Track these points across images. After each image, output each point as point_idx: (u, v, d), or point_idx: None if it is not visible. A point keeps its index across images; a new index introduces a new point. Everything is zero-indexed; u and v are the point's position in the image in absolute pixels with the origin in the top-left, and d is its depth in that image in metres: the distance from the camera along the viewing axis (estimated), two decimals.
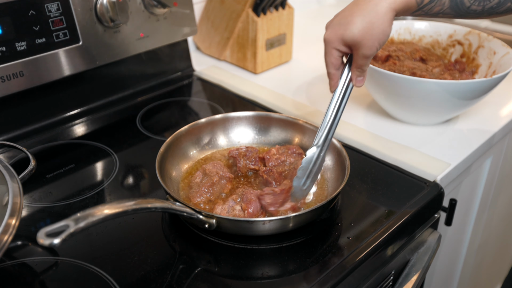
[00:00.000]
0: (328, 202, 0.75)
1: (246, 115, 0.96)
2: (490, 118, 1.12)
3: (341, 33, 0.74)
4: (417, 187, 0.88)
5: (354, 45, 0.75)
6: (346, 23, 0.74)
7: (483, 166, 1.20)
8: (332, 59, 0.77)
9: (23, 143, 0.99)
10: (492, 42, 1.11)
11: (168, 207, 0.70)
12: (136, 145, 1.01)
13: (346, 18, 0.74)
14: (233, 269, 0.72)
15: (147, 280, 0.69)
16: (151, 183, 0.89)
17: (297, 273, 0.71)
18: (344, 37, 0.74)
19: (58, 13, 0.96)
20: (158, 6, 1.09)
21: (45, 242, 0.56)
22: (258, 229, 0.73)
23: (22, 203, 0.67)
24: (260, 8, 1.21)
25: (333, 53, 0.77)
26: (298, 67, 1.34)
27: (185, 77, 1.26)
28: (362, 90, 1.20)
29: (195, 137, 0.92)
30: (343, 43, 0.75)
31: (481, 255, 1.53)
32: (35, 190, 0.87)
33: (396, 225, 0.80)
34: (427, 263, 0.86)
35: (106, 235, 0.77)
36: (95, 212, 0.61)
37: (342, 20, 0.74)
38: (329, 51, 0.77)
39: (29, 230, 0.77)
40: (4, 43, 0.90)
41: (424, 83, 0.95)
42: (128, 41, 1.09)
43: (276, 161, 0.88)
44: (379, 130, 1.06)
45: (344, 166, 0.82)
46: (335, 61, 0.78)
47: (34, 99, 1.01)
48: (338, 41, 0.75)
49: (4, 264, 0.71)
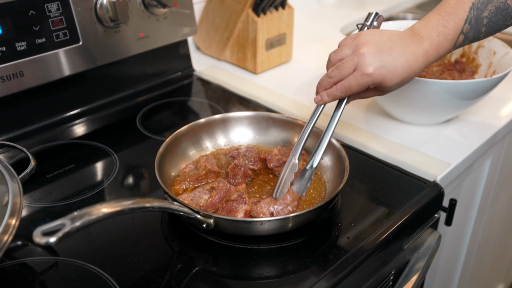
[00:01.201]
0: (327, 202, 0.75)
1: (246, 115, 0.96)
2: (490, 118, 1.11)
3: (385, 81, 0.75)
4: (417, 187, 0.88)
5: (383, 90, 0.78)
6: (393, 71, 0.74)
7: (483, 166, 1.20)
8: (357, 91, 0.77)
9: (23, 143, 0.99)
10: (492, 42, 1.11)
11: (166, 207, 0.70)
12: (136, 145, 1.01)
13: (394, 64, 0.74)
14: (233, 269, 0.72)
15: (146, 280, 0.69)
16: (151, 183, 0.89)
17: (297, 273, 0.71)
18: (384, 84, 0.76)
19: (58, 13, 0.96)
20: (158, 6, 1.09)
21: (41, 240, 0.56)
22: (256, 229, 0.73)
23: (22, 203, 0.67)
24: (260, 8, 1.21)
25: (363, 88, 0.77)
26: (298, 67, 1.34)
27: (185, 77, 1.26)
28: None
29: (194, 137, 0.92)
30: (377, 85, 0.77)
31: (481, 255, 1.53)
32: (35, 190, 0.87)
33: (396, 225, 0.80)
34: (427, 263, 0.86)
35: (106, 235, 0.77)
36: (92, 211, 0.61)
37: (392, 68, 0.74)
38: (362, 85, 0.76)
39: (29, 230, 0.77)
40: (4, 43, 0.90)
41: (424, 83, 0.95)
42: (128, 41, 1.09)
43: (277, 162, 0.88)
44: (379, 130, 1.06)
45: (343, 166, 0.82)
46: (356, 92, 0.78)
47: (34, 99, 1.01)
48: (377, 83, 0.76)
49: (4, 264, 0.71)
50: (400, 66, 0.75)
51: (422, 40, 0.76)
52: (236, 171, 0.84)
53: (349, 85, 0.76)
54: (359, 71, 0.75)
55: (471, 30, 0.78)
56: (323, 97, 0.80)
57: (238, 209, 0.75)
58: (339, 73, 0.77)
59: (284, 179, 0.79)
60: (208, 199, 0.78)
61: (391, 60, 0.74)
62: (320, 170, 0.89)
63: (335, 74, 0.78)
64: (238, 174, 0.84)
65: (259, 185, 0.86)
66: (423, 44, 0.76)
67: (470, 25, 0.78)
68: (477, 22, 0.79)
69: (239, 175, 0.84)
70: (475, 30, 0.79)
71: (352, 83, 0.76)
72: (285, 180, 0.79)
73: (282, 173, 0.80)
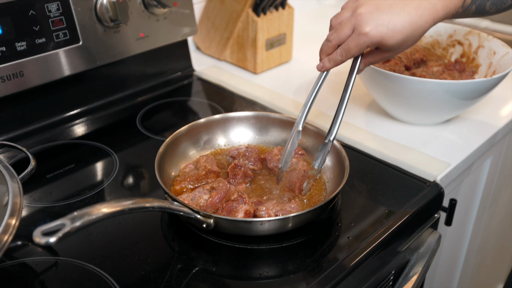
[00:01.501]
0: (327, 202, 0.75)
1: (246, 115, 0.96)
2: (490, 118, 1.12)
3: (385, 39, 0.72)
4: (417, 187, 0.88)
5: (387, 50, 0.75)
6: (392, 28, 0.71)
7: (483, 166, 1.20)
8: (357, 53, 0.75)
9: (23, 143, 0.99)
10: (492, 42, 1.11)
11: (165, 207, 0.70)
12: (136, 145, 1.01)
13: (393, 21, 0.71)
14: (233, 269, 0.72)
15: (146, 279, 0.69)
16: (151, 183, 0.89)
17: (297, 273, 0.71)
18: (385, 43, 0.73)
19: (58, 13, 0.96)
20: (158, 6, 1.09)
21: (41, 240, 0.56)
22: (256, 229, 0.73)
23: (22, 203, 0.67)
24: (260, 8, 1.21)
25: (363, 49, 0.75)
26: (298, 67, 1.34)
27: (185, 77, 1.26)
28: (362, 90, 1.20)
29: (194, 137, 0.92)
30: (378, 45, 0.74)
31: (481, 255, 1.53)
32: (35, 190, 0.87)
33: (396, 225, 0.80)
34: (427, 263, 0.86)
35: (106, 235, 0.77)
36: (92, 211, 0.61)
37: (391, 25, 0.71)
38: (362, 46, 0.74)
39: (29, 230, 0.77)
40: (4, 43, 0.90)
41: (424, 83, 0.95)
42: (128, 41, 1.09)
43: (277, 162, 0.88)
44: (379, 130, 1.06)
45: (343, 166, 0.82)
46: (357, 54, 0.76)
47: (34, 99, 1.01)
48: (376, 43, 0.73)
49: (4, 264, 0.71)
50: (401, 23, 0.71)
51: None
52: (236, 171, 0.84)
53: (348, 47, 0.74)
54: (356, 31, 0.73)
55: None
56: (324, 63, 0.78)
57: (238, 209, 0.75)
58: (338, 36, 0.75)
59: (289, 149, 0.79)
60: (208, 199, 0.78)
61: (390, 17, 0.71)
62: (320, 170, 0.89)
63: (333, 37, 0.76)
64: (238, 174, 0.84)
65: (259, 185, 0.86)
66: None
67: None
68: None
69: (239, 175, 0.84)
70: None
71: (350, 45, 0.74)
72: (289, 150, 0.79)
73: (287, 142, 0.80)
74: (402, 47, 0.75)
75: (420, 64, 1.15)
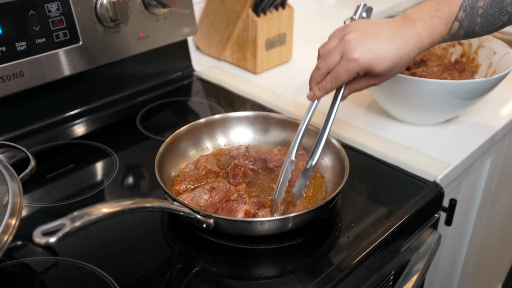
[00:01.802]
0: (327, 202, 0.75)
1: (246, 115, 0.96)
2: (490, 118, 1.12)
3: (373, 65, 0.73)
4: (417, 187, 0.88)
5: (373, 76, 0.76)
6: (380, 55, 0.72)
7: (483, 166, 1.20)
8: (346, 80, 0.76)
9: (23, 143, 0.99)
10: (492, 42, 1.11)
11: (165, 207, 0.70)
12: (136, 145, 1.01)
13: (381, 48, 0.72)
14: (233, 269, 0.72)
15: (146, 280, 0.69)
16: (151, 183, 0.89)
17: (297, 273, 0.71)
18: (373, 69, 0.74)
19: (58, 13, 0.96)
20: (158, 6, 1.09)
21: (41, 240, 0.56)
22: (256, 230, 0.73)
23: (22, 203, 0.67)
24: (260, 8, 1.21)
25: (353, 75, 0.75)
26: (298, 67, 1.34)
27: (185, 77, 1.26)
28: (362, 90, 1.20)
29: (194, 137, 0.92)
30: (366, 71, 0.75)
31: (481, 255, 1.53)
32: (35, 190, 0.87)
33: (396, 225, 0.80)
34: (427, 263, 0.86)
35: (106, 235, 0.77)
36: (92, 211, 0.60)
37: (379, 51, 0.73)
38: (351, 72, 0.75)
39: (29, 230, 0.77)
40: (4, 43, 0.90)
41: (424, 83, 0.95)
42: (128, 41, 1.09)
43: (277, 162, 0.88)
44: (379, 130, 1.06)
45: (343, 166, 0.82)
46: (346, 81, 0.76)
47: (34, 99, 1.01)
48: (365, 69, 0.74)
49: (4, 264, 0.71)
50: (389, 49, 0.73)
51: (413, 22, 0.74)
52: (236, 171, 0.84)
53: (337, 74, 0.75)
54: (345, 58, 0.74)
55: (466, 18, 0.76)
56: (315, 92, 0.79)
57: (238, 209, 0.75)
58: (327, 63, 0.76)
59: (282, 179, 0.78)
60: (208, 199, 0.78)
61: (378, 43, 0.72)
62: (320, 170, 0.89)
63: (322, 65, 0.76)
64: (238, 174, 0.84)
65: (259, 185, 0.86)
66: (415, 26, 0.74)
67: (465, 13, 0.76)
68: (472, 11, 0.77)
69: (239, 175, 0.84)
70: (470, 19, 0.77)
71: (340, 72, 0.75)
72: (282, 180, 0.78)
73: (281, 173, 0.79)
74: (389, 74, 0.76)
75: (420, 64, 1.15)
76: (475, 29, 0.79)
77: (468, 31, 0.78)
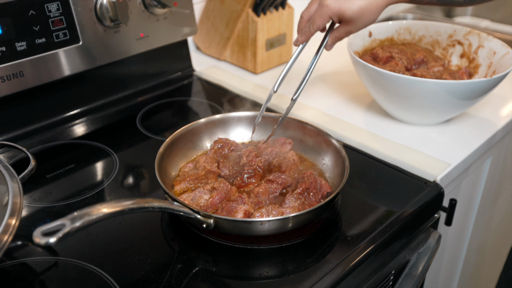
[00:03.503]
0: (327, 202, 0.75)
1: (246, 115, 0.96)
2: (490, 118, 1.12)
3: (343, 9, 0.83)
4: (417, 187, 0.88)
5: (347, 21, 0.86)
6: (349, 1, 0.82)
7: (483, 166, 1.20)
8: (321, 23, 0.86)
9: (23, 143, 0.99)
10: (492, 42, 1.11)
11: (166, 207, 0.70)
12: (136, 145, 1.01)
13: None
14: (233, 269, 0.72)
15: (146, 279, 0.69)
16: (151, 183, 0.89)
17: (297, 273, 0.71)
18: (343, 13, 0.84)
19: (58, 13, 0.96)
20: (158, 6, 1.09)
21: (41, 241, 0.56)
22: (256, 230, 0.73)
23: (22, 203, 0.67)
24: (260, 8, 1.21)
25: (326, 19, 0.86)
26: (298, 67, 1.34)
27: (185, 77, 1.26)
28: (362, 90, 1.20)
29: (194, 137, 0.92)
30: (338, 15, 0.85)
31: (481, 255, 1.53)
32: (35, 190, 0.87)
33: (396, 225, 0.80)
34: (427, 263, 0.86)
35: (106, 235, 0.77)
36: (92, 211, 0.60)
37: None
38: (324, 16, 0.85)
39: (29, 230, 0.77)
40: (4, 43, 0.90)
41: (424, 83, 0.95)
42: (128, 41, 1.09)
43: (270, 154, 0.88)
44: (379, 130, 1.06)
45: (343, 166, 0.82)
46: (321, 25, 0.87)
47: (34, 99, 1.01)
48: (336, 13, 0.84)
49: (4, 264, 0.71)
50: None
51: None
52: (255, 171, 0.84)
53: (313, 19, 0.87)
54: (319, 5, 0.86)
55: None
56: (298, 37, 0.91)
57: (237, 209, 0.75)
58: (307, 11, 0.89)
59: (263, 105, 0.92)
60: (209, 199, 0.78)
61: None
62: (320, 170, 0.89)
63: (304, 13, 0.89)
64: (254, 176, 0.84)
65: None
66: None
67: None
68: None
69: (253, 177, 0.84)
70: None
71: (315, 17, 0.86)
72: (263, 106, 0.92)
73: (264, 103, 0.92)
74: (361, 19, 0.85)
75: (420, 64, 1.15)
76: None
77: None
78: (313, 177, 0.81)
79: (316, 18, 0.86)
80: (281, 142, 0.91)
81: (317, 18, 0.86)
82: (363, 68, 1.02)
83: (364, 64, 1.01)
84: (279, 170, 0.87)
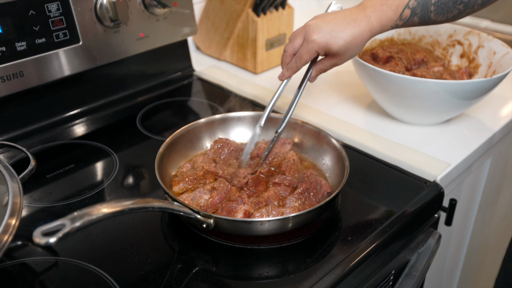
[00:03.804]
0: (327, 202, 0.75)
1: (246, 115, 0.96)
2: (490, 118, 1.12)
3: (330, 44, 0.83)
4: (417, 187, 0.88)
5: (333, 55, 0.86)
6: (335, 35, 0.83)
7: (483, 166, 1.20)
8: (308, 59, 0.86)
9: (23, 143, 0.99)
10: (492, 42, 1.11)
11: (166, 207, 0.70)
12: (136, 145, 1.01)
13: (336, 30, 0.83)
14: (233, 269, 0.72)
15: (146, 279, 0.69)
16: (151, 183, 0.89)
17: (297, 273, 0.71)
18: (330, 47, 0.84)
19: (58, 13, 0.96)
20: (158, 6, 1.09)
21: (41, 241, 0.56)
22: (256, 230, 0.73)
23: (22, 203, 0.67)
24: (260, 8, 1.21)
25: (313, 54, 0.85)
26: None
27: (185, 77, 1.26)
28: (362, 90, 1.20)
29: (194, 137, 0.92)
30: (325, 50, 0.85)
31: (481, 255, 1.53)
32: (35, 190, 0.87)
33: (396, 225, 0.80)
34: (427, 263, 0.86)
35: (106, 235, 0.77)
36: (92, 211, 0.60)
37: (333, 32, 0.83)
38: (311, 51, 0.85)
39: (29, 230, 0.77)
40: (4, 43, 0.90)
41: (424, 83, 0.95)
42: (128, 41, 1.09)
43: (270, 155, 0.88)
44: (379, 130, 1.06)
45: (343, 166, 0.82)
46: (308, 60, 0.87)
47: (34, 99, 1.01)
48: (323, 48, 0.84)
49: (4, 264, 0.71)
50: (343, 30, 0.83)
51: (365, 8, 0.85)
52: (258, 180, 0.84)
53: (300, 54, 0.86)
54: (305, 40, 0.85)
55: (418, 6, 0.84)
56: (284, 72, 0.90)
57: (237, 209, 0.75)
58: (292, 46, 0.88)
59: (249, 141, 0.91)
60: (209, 199, 0.78)
61: (333, 26, 0.84)
62: (320, 170, 0.89)
63: (288, 47, 0.88)
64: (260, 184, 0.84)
65: None
66: (366, 12, 0.84)
67: (416, 1, 0.83)
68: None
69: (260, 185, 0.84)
70: (423, 7, 0.84)
71: (302, 52, 0.86)
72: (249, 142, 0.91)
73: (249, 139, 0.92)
74: (346, 53, 0.85)
75: (420, 64, 1.15)
76: (430, 16, 0.85)
77: (423, 17, 0.85)
78: (314, 177, 0.81)
79: (303, 53, 0.85)
80: (281, 142, 0.91)
81: (304, 53, 0.85)
82: (363, 68, 1.02)
83: (364, 64, 1.01)
84: (279, 170, 0.87)
